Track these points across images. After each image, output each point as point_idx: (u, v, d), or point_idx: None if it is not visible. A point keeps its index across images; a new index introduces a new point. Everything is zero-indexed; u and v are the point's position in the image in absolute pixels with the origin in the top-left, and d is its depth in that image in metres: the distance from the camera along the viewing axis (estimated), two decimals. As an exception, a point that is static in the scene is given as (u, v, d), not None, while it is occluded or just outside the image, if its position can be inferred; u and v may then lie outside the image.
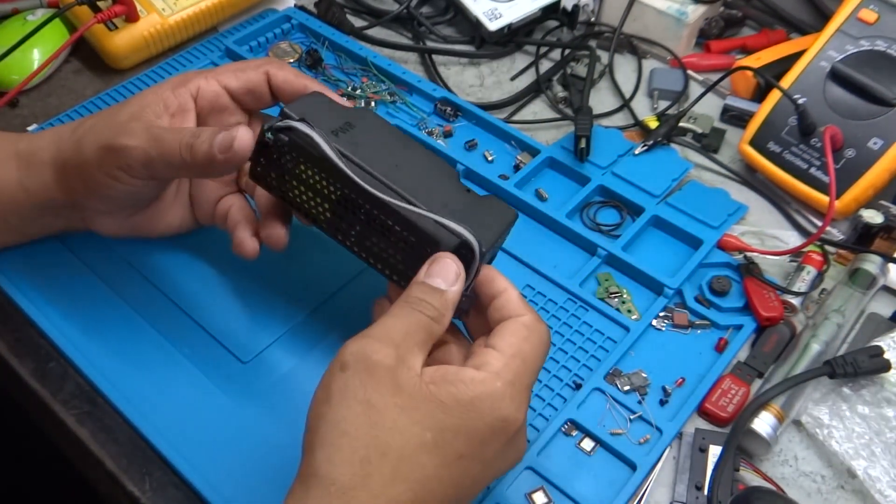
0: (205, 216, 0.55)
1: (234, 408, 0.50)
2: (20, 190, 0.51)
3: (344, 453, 0.37)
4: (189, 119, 0.50)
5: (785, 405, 0.51)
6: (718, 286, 0.57)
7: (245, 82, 0.52)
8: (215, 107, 0.52)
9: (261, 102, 0.53)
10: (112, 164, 0.47)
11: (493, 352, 0.41)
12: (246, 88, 0.52)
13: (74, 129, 0.50)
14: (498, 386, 0.39)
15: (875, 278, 0.58)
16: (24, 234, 0.56)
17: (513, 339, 0.41)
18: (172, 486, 0.48)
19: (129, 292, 0.56)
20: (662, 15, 0.77)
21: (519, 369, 0.40)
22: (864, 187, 0.61)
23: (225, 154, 0.45)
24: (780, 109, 0.66)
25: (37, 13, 0.75)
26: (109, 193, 0.49)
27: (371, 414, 0.37)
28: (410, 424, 0.37)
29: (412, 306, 0.41)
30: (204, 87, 0.51)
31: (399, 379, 0.38)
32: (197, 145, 0.45)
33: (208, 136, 0.45)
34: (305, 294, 0.56)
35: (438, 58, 0.78)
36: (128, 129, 0.47)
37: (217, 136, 0.45)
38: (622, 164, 0.66)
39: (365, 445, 0.37)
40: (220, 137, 0.45)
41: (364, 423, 0.37)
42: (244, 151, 0.45)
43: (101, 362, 0.52)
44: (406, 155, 0.48)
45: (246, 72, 0.52)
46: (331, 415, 0.38)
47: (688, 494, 0.48)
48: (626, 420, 0.51)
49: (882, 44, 0.63)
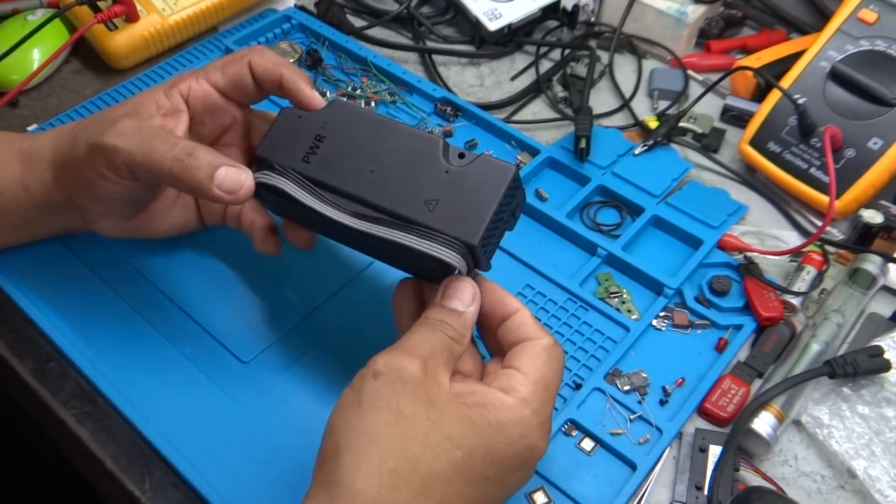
0: (213, 216, 0.55)
1: (234, 408, 0.50)
2: (22, 189, 0.51)
3: (372, 462, 0.36)
4: (182, 119, 0.49)
5: (785, 405, 0.51)
6: (718, 286, 0.57)
7: (230, 77, 0.50)
8: (207, 106, 0.51)
9: (247, 95, 0.52)
10: (100, 163, 0.46)
11: (518, 375, 0.41)
12: (232, 83, 0.51)
13: (72, 128, 0.50)
14: (526, 414, 0.39)
15: (875, 278, 0.58)
16: (27, 235, 0.56)
17: (536, 362, 0.42)
18: (172, 486, 0.48)
19: (129, 292, 0.56)
20: (662, 15, 0.77)
21: (544, 397, 0.41)
22: (864, 187, 0.61)
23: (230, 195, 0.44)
24: (780, 109, 0.66)
25: (37, 13, 0.75)
26: (101, 193, 0.48)
27: (402, 424, 0.37)
28: (441, 440, 0.37)
29: (434, 327, 0.41)
30: (194, 88, 0.50)
31: (430, 392, 0.38)
32: (190, 168, 0.44)
33: (206, 160, 0.44)
34: (306, 294, 0.56)
35: (438, 58, 0.78)
36: (117, 128, 0.46)
37: (220, 171, 0.44)
38: (622, 164, 0.66)
39: (395, 457, 0.36)
40: (224, 174, 0.44)
41: (395, 434, 0.37)
42: (247, 197, 0.45)
43: (101, 362, 0.52)
44: (382, 149, 0.46)
45: (230, 66, 0.51)
46: (359, 421, 0.37)
47: (688, 494, 0.48)
48: (626, 420, 0.51)
49: (882, 44, 0.63)
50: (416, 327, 0.42)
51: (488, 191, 0.43)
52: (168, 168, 0.44)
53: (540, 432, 0.40)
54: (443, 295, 0.43)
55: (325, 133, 0.47)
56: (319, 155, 0.47)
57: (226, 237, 0.58)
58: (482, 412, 0.39)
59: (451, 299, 0.43)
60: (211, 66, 0.51)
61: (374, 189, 0.45)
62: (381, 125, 0.47)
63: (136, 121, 0.47)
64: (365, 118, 0.47)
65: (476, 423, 0.38)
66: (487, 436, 0.38)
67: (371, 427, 0.37)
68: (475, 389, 0.40)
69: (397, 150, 0.46)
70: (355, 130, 0.47)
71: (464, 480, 0.38)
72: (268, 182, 0.46)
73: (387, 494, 0.35)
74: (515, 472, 0.40)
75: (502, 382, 0.41)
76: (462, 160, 0.45)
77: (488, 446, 0.38)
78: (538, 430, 0.40)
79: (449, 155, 0.45)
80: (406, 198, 0.44)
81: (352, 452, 0.36)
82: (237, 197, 0.44)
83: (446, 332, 0.41)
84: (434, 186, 0.44)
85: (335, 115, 0.48)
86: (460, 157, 0.45)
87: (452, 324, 0.42)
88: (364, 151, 0.46)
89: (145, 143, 0.45)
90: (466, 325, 0.42)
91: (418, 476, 0.36)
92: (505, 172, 0.44)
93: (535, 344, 0.42)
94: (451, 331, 0.41)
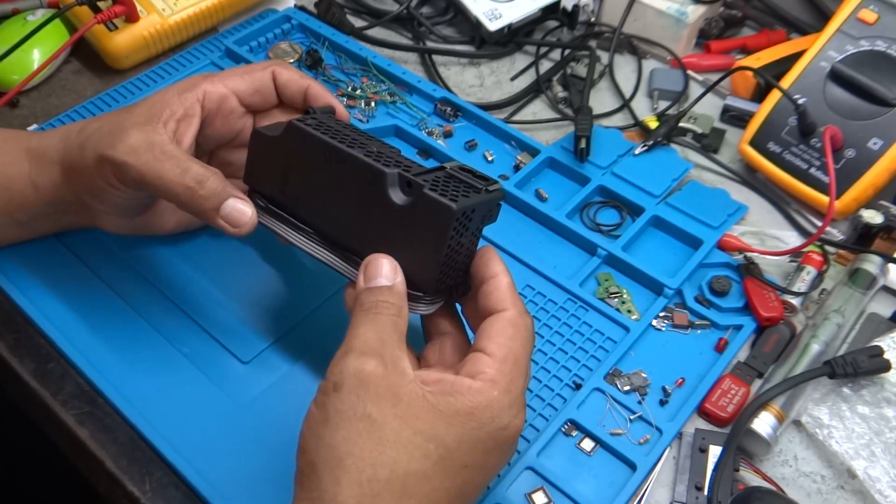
0: None
1: (234, 408, 0.50)
2: (30, 186, 0.52)
3: (351, 474, 0.36)
4: (193, 125, 0.50)
5: (785, 405, 0.51)
6: (718, 286, 0.57)
7: (252, 82, 0.52)
8: (222, 110, 0.52)
9: (268, 101, 0.54)
10: (109, 174, 0.47)
11: (484, 357, 0.41)
12: (254, 88, 0.52)
13: (81, 130, 0.50)
14: (495, 395, 0.39)
15: (875, 278, 0.58)
16: (33, 231, 0.56)
17: (501, 339, 0.41)
18: (172, 486, 0.48)
19: (129, 292, 0.56)
20: (662, 15, 0.77)
21: (512, 373, 0.40)
22: (864, 187, 0.61)
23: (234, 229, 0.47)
24: (780, 109, 0.66)
25: (37, 13, 0.75)
26: (110, 199, 0.49)
27: (373, 430, 0.37)
28: (413, 435, 0.37)
29: (372, 312, 0.41)
30: (210, 91, 0.51)
31: (395, 386, 0.38)
32: (199, 198, 0.46)
33: (214, 191, 0.46)
34: (306, 294, 0.56)
35: (438, 58, 0.78)
36: (129, 143, 0.46)
37: (227, 203, 0.46)
38: (622, 164, 0.66)
39: (371, 464, 0.36)
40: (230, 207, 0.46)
41: (367, 441, 0.37)
42: (249, 232, 0.47)
43: (101, 362, 0.52)
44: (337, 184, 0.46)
45: (253, 73, 0.52)
46: (330, 437, 0.37)
47: (688, 494, 0.48)
48: (626, 420, 0.51)
49: (882, 44, 0.63)
50: (357, 319, 0.41)
51: (434, 234, 0.42)
52: (177, 193, 0.46)
53: (512, 410, 0.40)
54: (365, 278, 0.42)
55: (290, 162, 0.48)
56: (291, 184, 0.48)
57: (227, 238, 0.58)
58: (449, 401, 0.38)
59: (374, 279, 0.42)
60: (229, 72, 0.52)
61: (336, 226, 0.46)
62: (333, 155, 0.45)
63: (148, 135, 0.47)
64: (318, 146, 0.46)
65: (444, 413, 0.38)
66: (458, 424, 0.38)
67: (343, 441, 0.37)
68: (441, 378, 0.40)
69: (350, 183, 0.45)
70: (312, 162, 0.47)
71: (443, 473, 0.38)
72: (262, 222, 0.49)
73: (369, 502, 0.36)
74: (494, 454, 0.40)
75: (469, 368, 0.40)
76: (409, 191, 0.43)
77: (461, 435, 0.38)
78: (509, 408, 0.39)
79: (398, 187, 0.43)
80: (360, 235, 0.45)
81: (329, 468, 0.37)
82: (240, 231, 0.47)
83: (386, 311, 0.41)
84: (385, 224, 0.44)
85: (294, 143, 0.47)
86: (408, 187, 0.43)
87: (388, 300, 0.41)
88: (323, 185, 0.46)
89: (157, 165, 0.46)
90: (401, 296, 0.42)
91: (397, 478, 0.37)
92: (447, 215, 0.41)
93: (499, 319, 0.42)
94: (390, 307, 0.41)
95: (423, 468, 0.37)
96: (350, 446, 0.37)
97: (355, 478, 0.36)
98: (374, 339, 0.40)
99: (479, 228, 0.45)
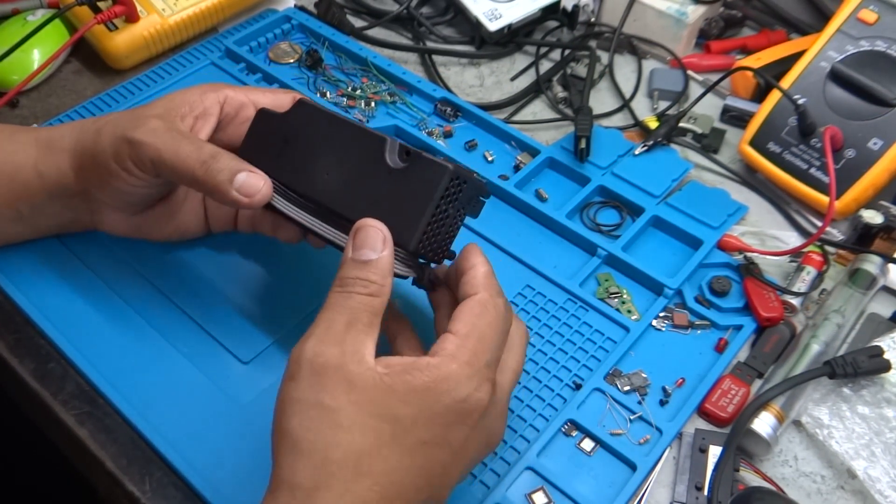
0: (220, 223, 0.56)
1: (234, 408, 0.50)
2: (35, 175, 0.52)
3: (305, 459, 0.37)
4: (209, 122, 0.51)
5: (785, 405, 0.51)
6: (718, 286, 0.57)
7: (274, 100, 0.53)
8: (238, 117, 0.53)
9: None
10: (125, 155, 0.48)
11: (449, 336, 0.41)
12: (275, 104, 0.52)
13: (95, 121, 0.52)
14: (453, 368, 0.39)
15: (875, 278, 0.58)
16: (31, 227, 0.56)
17: (467, 317, 0.41)
18: (172, 486, 0.48)
19: (129, 292, 0.56)
20: (662, 15, 0.77)
21: (476, 348, 0.40)
22: (864, 187, 0.61)
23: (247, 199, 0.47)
24: (780, 110, 0.66)
25: (37, 13, 0.75)
26: (119, 186, 0.50)
27: (326, 416, 0.38)
28: (367, 418, 0.38)
29: (347, 290, 0.41)
30: (232, 96, 0.52)
31: (350, 375, 0.38)
32: (213, 171, 0.46)
33: (228, 165, 0.47)
34: (306, 294, 0.56)
35: (438, 58, 0.78)
36: (148, 126, 0.48)
37: (239, 175, 0.46)
38: (622, 164, 0.66)
39: (324, 447, 0.37)
40: (243, 179, 0.46)
41: (321, 426, 0.38)
42: (262, 203, 0.47)
43: (101, 362, 0.52)
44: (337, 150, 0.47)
45: (277, 93, 0.53)
46: (287, 425, 0.38)
47: (688, 495, 0.48)
48: (626, 420, 0.51)
49: (882, 44, 0.63)
50: (330, 299, 0.41)
51: (425, 193, 0.43)
52: (192, 168, 0.47)
53: (471, 382, 0.39)
54: (353, 246, 0.42)
55: (291, 135, 0.49)
56: (288, 155, 0.48)
57: (226, 238, 0.58)
58: (406, 379, 0.39)
59: (361, 249, 0.42)
60: (253, 88, 0.54)
61: (327, 191, 0.46)
62: (338, 125, 0.48)
63: (167, 123, 0.49)
64: (324, 118, 0.48)
65: (398, 392, 0.38)
66: (414, 401, 0.38)
67: (298, 426, 0.38)
68: (404, 360, 0.40)
69: (350, 150, 0.47)
70: (315, 131, 0.48)
71: (399, 451, 0.38)
72: None
73: (323, 482, 0.37)
74: (455, 429, 0.39)
75: (434, 348, 0.41)
76: (407, 158, 0.44)
77: (417, 411, 0.38)
78: (468, 380, 0.39)
79: (396, 153, 0.45)
80: (351, 199, 0.45)
81: (287, 454, 0.38)
82: (252, 201, 0.47)
83: (362, 290, 0.41)
84: (377, 187, 0.45)
85: (300, 117, 0.49)
86: (406, 155, 0.44)
87: (368, 277, 0.41)
88: (322, 153, 0.47)
89: (174, 143, 0.47)
90: (384, 272, 0.41)
91: (349, 459, 0.37)
92: (441, 173, 0.43)
93: (468, 301, 0.42)
94: (368, 286, 0.41)
95: (377, 448, 0.38)
96: (304, 433, 0.38)
97: (309, 462, 0.37)
98: (339, 323, 0.40)
99: (463, 213, 0.45)
